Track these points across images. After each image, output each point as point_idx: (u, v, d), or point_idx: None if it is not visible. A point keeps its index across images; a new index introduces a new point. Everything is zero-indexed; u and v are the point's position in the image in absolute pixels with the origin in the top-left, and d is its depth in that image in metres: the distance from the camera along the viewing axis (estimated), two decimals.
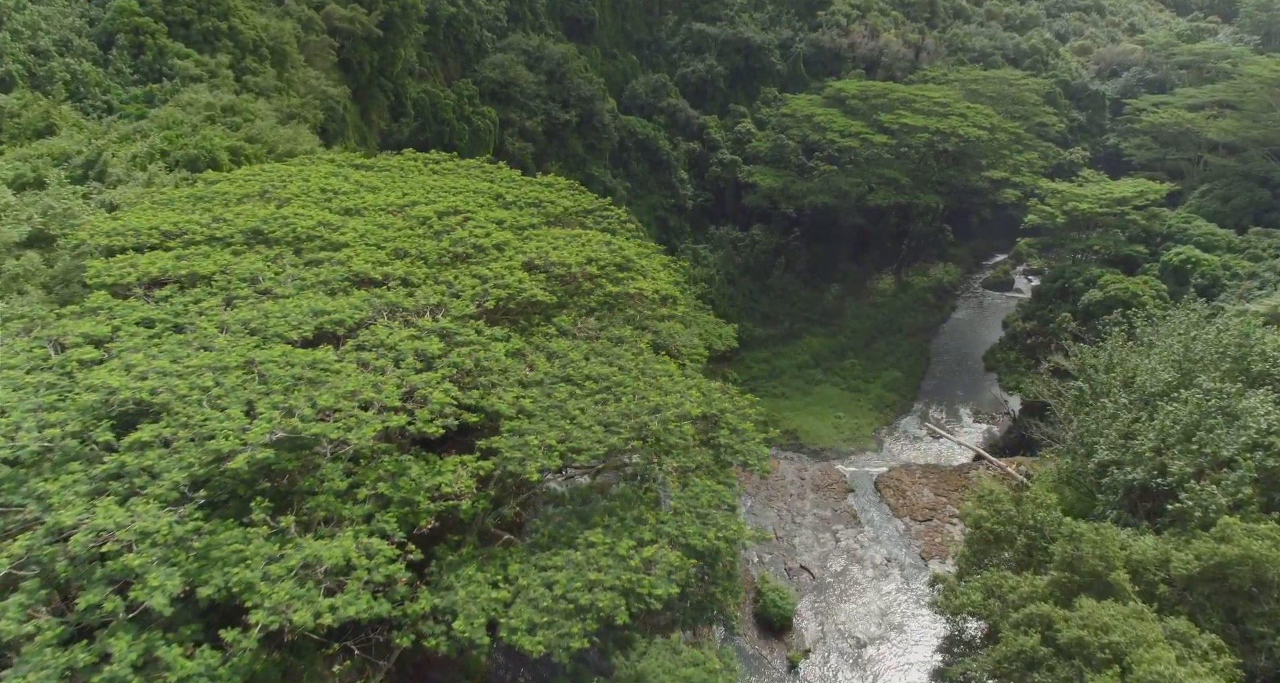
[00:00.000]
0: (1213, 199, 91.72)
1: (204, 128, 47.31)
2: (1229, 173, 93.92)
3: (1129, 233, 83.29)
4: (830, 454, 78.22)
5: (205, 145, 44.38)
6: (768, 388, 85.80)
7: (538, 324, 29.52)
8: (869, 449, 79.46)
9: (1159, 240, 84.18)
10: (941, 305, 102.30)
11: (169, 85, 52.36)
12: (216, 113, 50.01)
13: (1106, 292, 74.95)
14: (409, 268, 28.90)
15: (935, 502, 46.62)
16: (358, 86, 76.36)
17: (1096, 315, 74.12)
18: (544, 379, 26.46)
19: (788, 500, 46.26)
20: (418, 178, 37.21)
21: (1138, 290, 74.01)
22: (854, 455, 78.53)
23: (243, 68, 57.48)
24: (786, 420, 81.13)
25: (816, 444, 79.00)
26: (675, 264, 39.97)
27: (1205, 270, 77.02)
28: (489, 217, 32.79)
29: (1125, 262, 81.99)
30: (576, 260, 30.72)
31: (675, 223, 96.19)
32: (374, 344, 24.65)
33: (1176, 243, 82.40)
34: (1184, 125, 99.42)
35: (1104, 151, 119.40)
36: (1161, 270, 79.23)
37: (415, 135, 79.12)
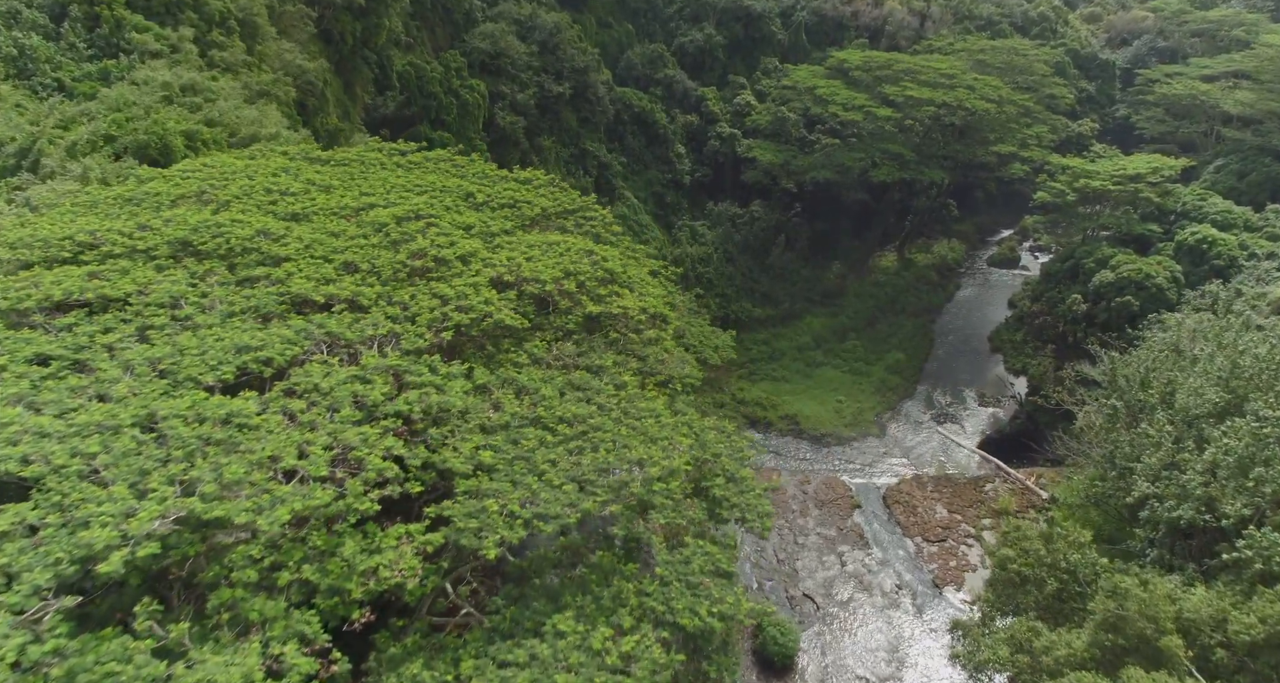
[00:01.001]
0: (1228, 175, 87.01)
1: (159, 110, 42.73)
2: (1244, 147, 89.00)
3: (1141, 210, 78.66)
4: (831, 440, 74.37)
5: (156, 130, 39.80)
6: (767, 370, 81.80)
7: (507, 350, 25.23)
8: (871, 434, 75.56)
9: (1173, 218, 79.58)
10: (945, 284, 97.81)
11: (125, 61, 47.62)
12: (174, 92, 45.33)
13: (1119, 273, 70.65)
14: (358, 287, 24.51)
15: (949, 520, 42.65)
16: (340, 59, 71.46)
17: (1108, 297, 70.03)
18: (510, 422, 22.25)
19: (789, 517, 42.29)
20: (379, 174, 32.66)
21: (1152, 272, 69.68)
22: (855, 442, 74.63)
23: (208, 42, 52.64)
24: (786, 405, 77.22)
25: (817, 429, 75.13)
26: (667, 271, 35.30)
27: (1222, 251, 72.49)
28: (456, 221, 28.35)
29: (1138, 241, 77.56)
30: (553, 275, 26.37)
31: (673, 199, 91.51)
32: (306, 389, 20.40)
33: (1192, 221, 77.86)
34: (1198, 97, 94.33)
35: (1114, 124, 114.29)
36: (1176, 250, 74.74)
37: (401, 110, 74.47)
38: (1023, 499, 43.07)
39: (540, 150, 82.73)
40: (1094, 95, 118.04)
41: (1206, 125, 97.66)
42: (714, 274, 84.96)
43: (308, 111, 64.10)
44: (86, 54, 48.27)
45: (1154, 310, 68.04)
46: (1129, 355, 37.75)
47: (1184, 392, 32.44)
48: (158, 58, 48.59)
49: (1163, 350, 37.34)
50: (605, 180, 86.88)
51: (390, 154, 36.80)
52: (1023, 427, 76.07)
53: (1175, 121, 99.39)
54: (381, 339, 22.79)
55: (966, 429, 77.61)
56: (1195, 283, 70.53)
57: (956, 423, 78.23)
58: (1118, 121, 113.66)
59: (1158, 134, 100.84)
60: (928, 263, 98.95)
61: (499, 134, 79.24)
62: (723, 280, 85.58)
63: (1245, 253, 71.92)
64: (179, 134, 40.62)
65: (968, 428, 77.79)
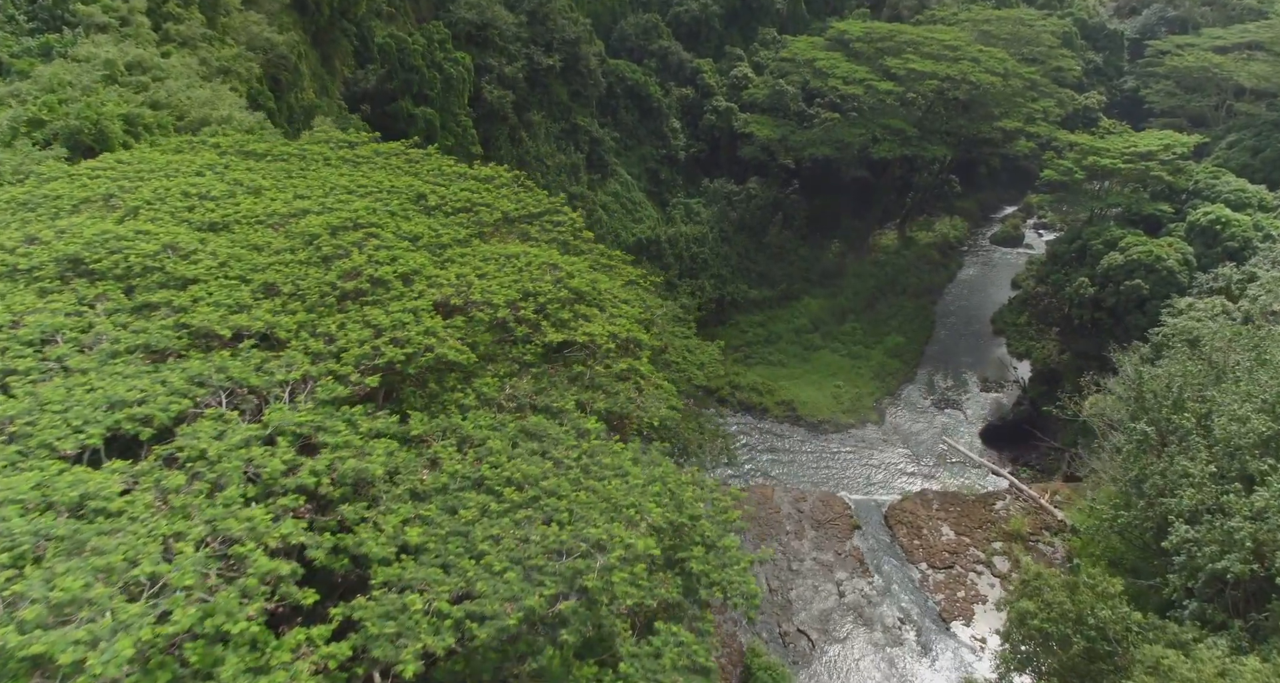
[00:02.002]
0: (1241, 151, 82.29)
1: (98, 90, 38.30)
2: (1258, 122, 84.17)
3: (1152, 189, 74.17)
4: (829, 427, 70.63)
5: (90, 114, 35.35)
6: (763, 354, 77.81)
7: (453, 388, 21.11)
8: (870, 421, 71.82)
9: (1184, 197, 75.11)
10: (947, 263, 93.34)
11: (69, 35, 43.07)
12: (118, 71, 40.80)
13: (1128, 255, 66.42)
14: (275, 315, 20.32)
15: (956, 543, 38.60)
16: (316, 30, 66.66)
17: (1117, 281, 65.90)
18: (449, 484, 18.20)
19: (783, 540, 38.23)
20: (320, 172, 28.16)
21: (1162, 254, 65.49)
22: (854, 429, 70.85)
23: (163, 14, 47.91)
24: (783, 390, 73.32)
25: (815, 416, 71.37)
26: (645, 281, 30.82)
27: (1236, 232, 68.11)
28: (401, 230, 24.00)
29: (1147, 221, 73.21)
30: (508, 296, 22.18)
31: (667, 175, 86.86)
32: (191, 456, 16.38)
33: (1204, 201, 73.43)
34: (1210, 69, 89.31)
35: (1121, 96, 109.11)
36: (1188, 231, 70.43)
37: (382, 84, 69.72)
38: (1036, 519, 39.14)
39: (529, 125, 78.07)
40: (1101, 67, 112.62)
41: (1217, 99, 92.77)
42: (709, 254, 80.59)
43: (281, 87, 59.57)
44: (27, 28, 43.68)
45: (1165, 294, 64.16)
46: (1156, 368, 33.45)
47: (1224, 416, 28.33)
48: (104, 32, 44.00)
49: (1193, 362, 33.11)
50: (597, 156, 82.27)
51: (338, 146, 32.23)
52: (1026, 414, 72.33)
53: (1186, 95, 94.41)
54: (296, 385, 18.63)
55: (968, 415, 73.83)
56: (1207, 265, 66.51)
57: (958, 409, 74.44)
58: (1125, 94, 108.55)
59: (1167, 108, 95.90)
60: (929, 241, 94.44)
61: (486, 109, 74.50)
62: (718, 261, 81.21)
63: (1260, 234, 67.68)
64: (117, 118, 36.16)
65: (969, 414, 74.00)
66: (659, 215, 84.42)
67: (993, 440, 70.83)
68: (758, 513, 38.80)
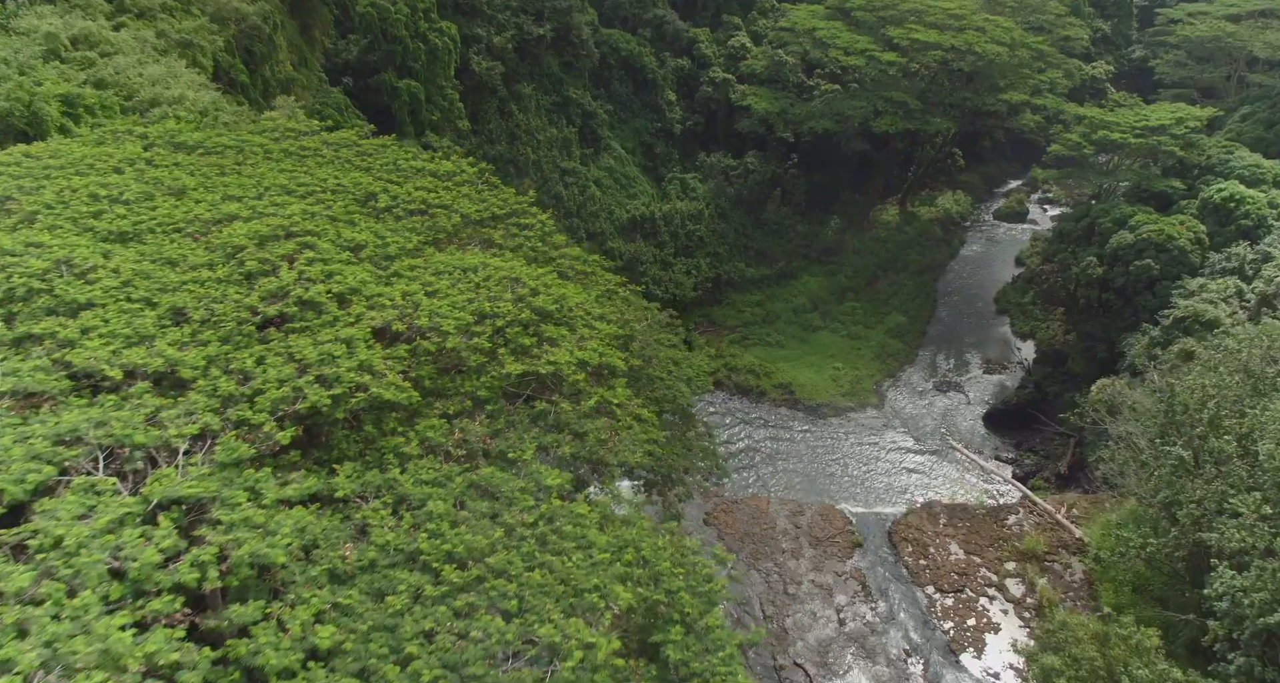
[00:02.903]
0: (1255, 124, 78.18)
1: (36, 67, 34.53)
2: (1272, 93, 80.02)
3: (1163, 164, 70.29)
4: (828, 411, 67.42)
5: (23, 94, 31.59)
6: (761, 335, 74.30)
7: (392, 430, 17.66)
8: (870, 405, 68.56)
9: (1196, 173, 71.28)
10: (950, 239, 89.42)
11: (11, 6, 39.17)
12: (62, 45, 37.02)
13: (1138, 234, 62.73)
14: (179, 349, 16.84)
15: (966, 563, 35.06)
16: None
17: (1126, 260, 62.32)
18: (377, 560, 14.86)
19: (778, 559, 34.70)
20: (258, 168, 24.19)
21: (1174, 233, 61.81)
22: (853, 413, 67.62)
23: None
24: (781, 373, 69.95)
25: (813, 399, 68.10)
26: (624, 290, 26.93)
27: (1250, 209, 64.41)
28: (343, 238, 20.35)
29: (1158, 198, 69.44)
30: (461, 319, 18.66)
31: (662, 149, 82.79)
32: (43, 546, 13.02)
33: (1217, 176, 69.64)
34: (1223, 39, 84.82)
35: (1129, 67, 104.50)
36: (1201, 209, 66.71)
37: (365, 55, 65.66)
38: (1051, 536, 35.70)
39: (519, 98, 73.97)
40: (1109, 35, 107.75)
41: (1230, 69, 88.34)
42: (705, 231, 76.74)
43: (255, 60, 55.59)
44: None
45: (1175, 275, 60.68)
46: (1186, 379, 29.84)
47: (1270, 440, 24.88)
48: (51, 2, 40.11)
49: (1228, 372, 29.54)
50: (590, 130, 78.19)
51: (282, 136, 28.30)
52: (1031, 396, 69.03)
53: (1197, 65, 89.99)
54: (191, 442, 15.17)
55: (970, 398, 70.50)
56: (1220, 244, 62.97)
57: (960, 391, 71.10)
58: (1134, 64, 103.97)
59: (1177, 79, 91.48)
60: (931, 216, 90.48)
61: (474, 81, 70.39)
62: (714, 238, 77.38)
63: (1275, 212, 64.04)
64: (54, 99, 32.44)
65: (971, 397, 70.66)
66: (654, 191, 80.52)
67: (996, 425, 67.69)
68: (751, 529, 35.35)
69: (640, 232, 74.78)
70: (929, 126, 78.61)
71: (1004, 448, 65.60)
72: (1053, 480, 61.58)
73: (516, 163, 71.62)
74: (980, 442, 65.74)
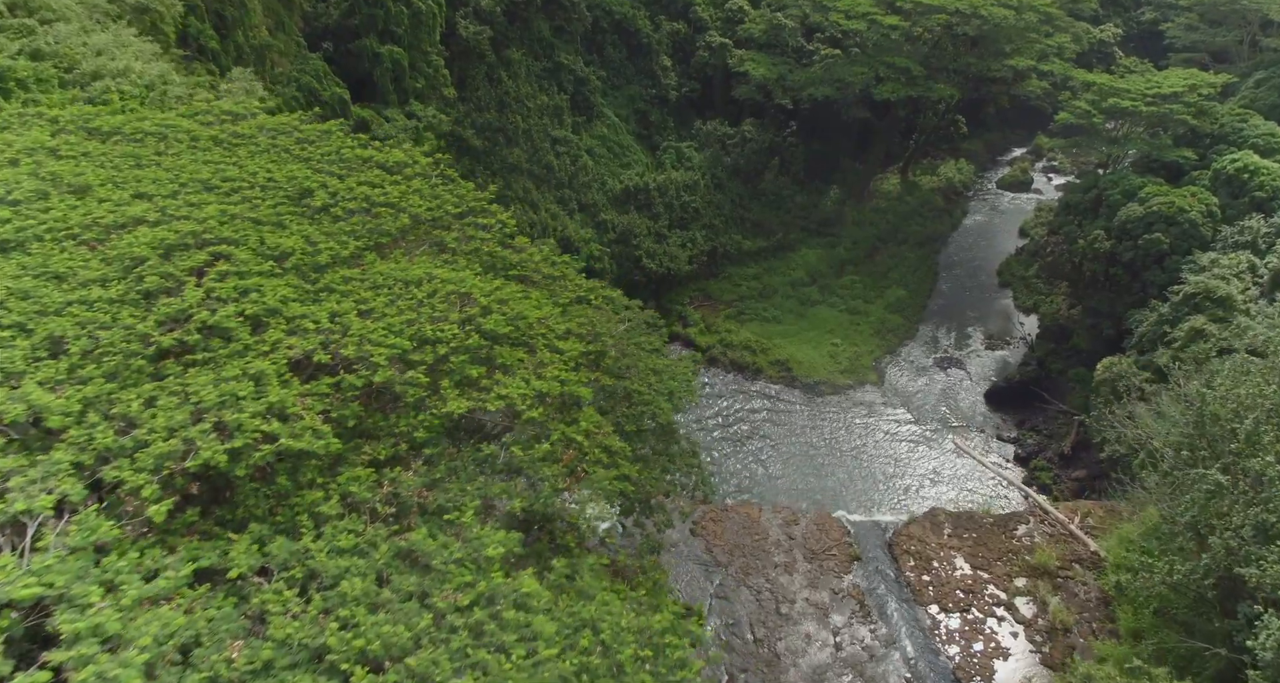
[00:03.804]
0: (1269, 90, 74.45)
1: None
2: None
3: (1173, 133, 66.73)
4: (825, 388, 64.73)
5: None
6: (757, 310, 71.24)
7: (310, 483, 14.68)
8: (868, 382, 65.81)
9: (1208, 142, 67.81)
10: (952, 210, 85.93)
11: None
12: None
13: (1148, 206, 59.69)
14: (48, 392, 13.82)
15: (973, 579, 31.95)
16: None
17: (1135, 234, 59.21)
18: (274, 662, 11.98)
19: (770, 574, 31.65)
20: (180, 159, 20.89)
21: (1185, 205, 58.76)
22: (852, 390, 64.90)
23: None
24: (778, 349, 67.05)
25: (810, 377, 65.34)
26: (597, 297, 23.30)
27: (1265, 181, 61.26)
28: (265, 246, 17.10)
29: (1168, 168, 66.14)
30: (397, 346, 15.57)
31: (657, 117, 79.07)
32: None
33: (1230, 146, 66.26)
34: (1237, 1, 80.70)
35: (1139, 30, 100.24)
36: (1213, 180, 63.51)
37: (345, 19, 61.87)
38: (1065, 549, 32.72)
39: (508, 64, 70.20)
40: None
41: (1242, 32, 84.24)
42: (700, 203, 73.36)
43: (227, 25, 52.15)
44: None
45: (1186, 249, 57.78)
46: (1215, 382, 26.67)
47: None
48: None
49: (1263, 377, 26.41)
50: (582, 97, 74.49)
51: (216, 120, 24.86)
52: (1033, 374, 66.25)
53: (1209, 28, 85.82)
54: (47, 517, 12.20)
55: (971, 375, 67.68)
56: (1233, 217, 59.97)
57: (961, 368, 68.25)
58: (1143, 27, 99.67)
59: (1189, 43, 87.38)
60: (933, 186, 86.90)
61: (460, 46, 66.65)
62: (710, 210, 73.98)
63: None
64: None
65: (973, 374, 67.84)
66: (649, 160, 76.98)
67: (997, 403, 65.06)
68: (742, 541, 32.43)
69: (634, 203, 71.44)
70: (932, 93, 74.88)
71: (1005, 427, 63.01)
72: (1055, 461, 59.17)
73: (505, 131, 68.12)
74: (981, 420, 63.11)
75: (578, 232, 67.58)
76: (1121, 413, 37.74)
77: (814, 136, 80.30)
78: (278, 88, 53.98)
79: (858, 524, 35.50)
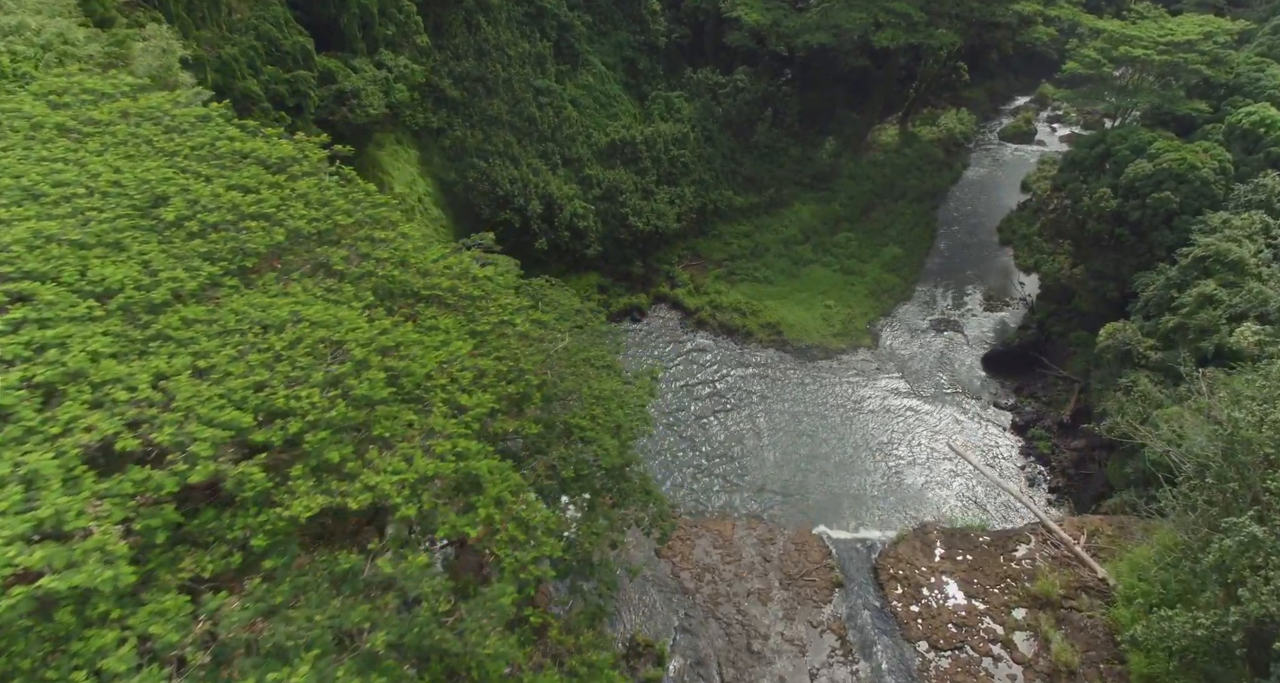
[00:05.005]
0: None
1: None
2: None
3: (1185, 83, 61.73)
4: (817, 353, 61.08)
5: None
6: (748, 270, 67.19)
7: (100, 619, 10.74)
8: (862, 345, 62.14)
9: (1223, 93, 62.92)
10: (952, 162, 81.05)
11: None
12: None
13: (1157, 163, 55.52)
14: None
15: (967, 611, 27.73)
16: None
17: (1143, 193, 54.90)
18: None
19: (742, 603, 27.51)
20: (6, 156, 16.63)
21: (1196, 162, 54.65)
22: (844, 355, 61.23)
23: None
24: (769, 311, 63.26)
25: (802, 340, 61.66)
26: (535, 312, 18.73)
27: None
28: (87, 279, 12.96)
29: (1180, 121, 61.49)
30: (228, 423, 11.43)
31: (646, 65, 73.89)
32: None
33: (1245, 97, 61.53)
34: None
35: None
36: (1226, 134, 59.17)
37: None
38: (1070, 575, 28.70)
39: (488, 9, 65.13)
40: None
41: None
42: (690, 157, 68.73)
43: None
44: None
45: (1196, 208, 53.88)
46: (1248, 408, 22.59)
47: None
48: None
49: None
50: (566, 44, 69.38)
51: (79, 100, 20.22)
52: (1033, 337, 62.49)
53: None
54: None
55: (969, 338, 63.87)
56: (1247, 174, 55.93)
57: (958, 331, 64.42)
58: None
59: None
60: (933, 137, 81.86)
61: None
62: (700, 164, 69.37)
63: None
64: None
65: (970, 336, 64.03)
66: (637, 110, 72.07)
67: (995, 368, 61.51)
68: (712, 563, 28.41)
69: (620, 157, 66.85)
70: (933, 40, 69.73)
71: (1003, 393, 59.45)
72: (1054, 430, 55.88)
73: (485, 81, 63.27)
74: (978, 386, 59.45)
75: (561, 188, 63.14)
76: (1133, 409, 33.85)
77: (809, 86, 75.19)
78: (235, 37, 49.24)
79: (840, 543, 31.67)
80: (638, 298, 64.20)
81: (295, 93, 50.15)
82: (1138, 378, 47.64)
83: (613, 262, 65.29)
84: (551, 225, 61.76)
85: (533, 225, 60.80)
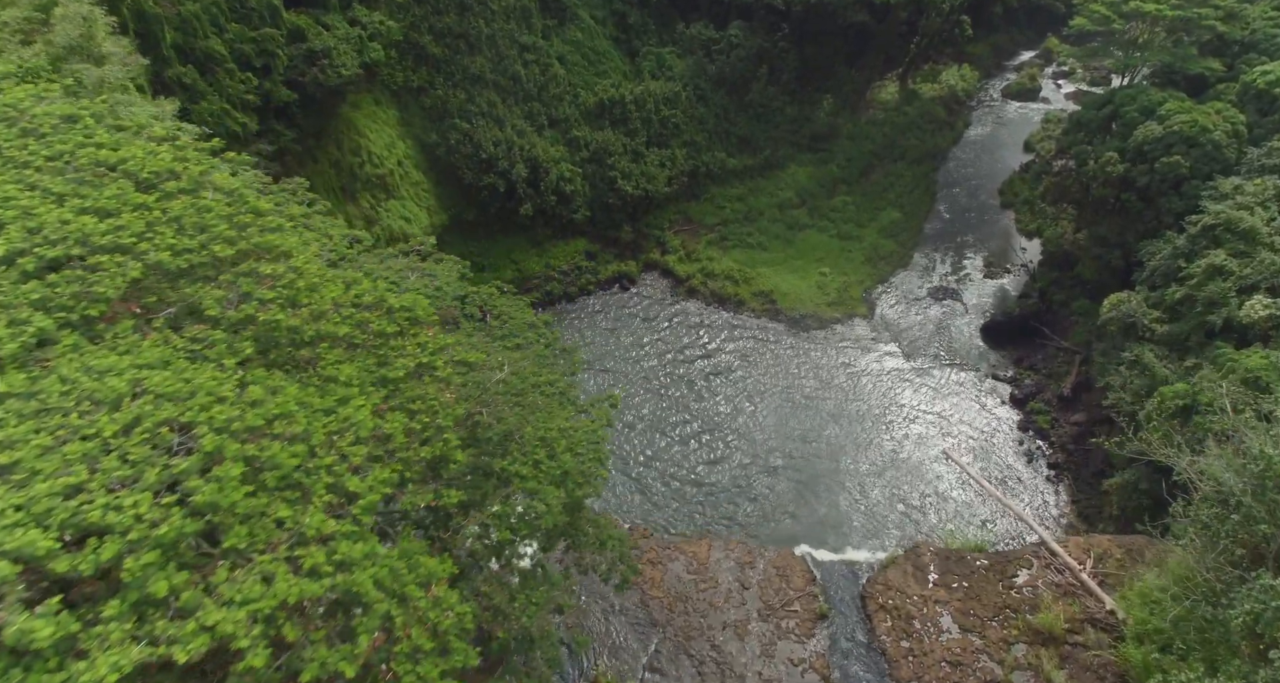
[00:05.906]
0: None
1: None
2: None
3: (1198, 39, 57.84)
4: (811, 322, 58.24)
5: None
6: (741, 235, 64.01)
7: None
8: (858, 315, 59.25)
9: (1237, 50, 59.16)
10: (954, 121, 77.16)
11: None
12: None
13: (1167, 126, 52.05)
14: None
15: (962, 646, 24.77)
16: None
17: (1152, 157, 51.47)
18: None
19: (717, 638, 24.41)
20: None
21: (1208, 124, 51.18)
22: (839, 325, 58.35)
23: None
24: (762, 279, 60.33)
25: (796, 309, 58.82)
26: (461, 352, 15.56)
27: None
28: None
29: (1191, 81, 57.86)
30: (19, 550, 8.78)
31: (636, 20, 69.73)
32: None
33: (1261, 55, 57.94)
34: None
35: None
36: (1240, 95, 55.80)
37: None
38: (1075, 605, 25.67)
39: None
40: None
41: None
42: (681, 117, 65.07)
43: None
44: None
45: (1207, 173, 50.80)
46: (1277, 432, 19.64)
47: None
48: None
49: None
50: None
51: None
52: (1034, 307, 59.46)
53: None
54: None
55: (968, 307, 60.85)
56: (1261, 137, 52.48)
57: (957, 299, 61.39)
58: None
59: None
60: (934, 94, 77.83)
61: None
62: (692, 125, 65.68)
63: None
64: None
65: (969, 305, 60.99)
66: (627, 67, 68.07)
67: (994, 338, 58.77)
68: (685, 591, 25.47)
69: (609, 117, 63.19)
70: None
71: (1002, 365, 56.69)
72: (1054, 403, 53.26)
73: (467, 37, 59.36)
74: (976, 357, 56.54)
75: (547, 150, 59.67)
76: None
77: (807, 42, 71.14)
78: None
79: (825, 566, 28.77)
80: (627, 265, 61.12)
81: (262, 52, 46.64)
82: (1142, 352, 44.90)
83: (601, 227, 62.07)
84: (537, 189, 58.45)
85: (518, 189, 57.53)
